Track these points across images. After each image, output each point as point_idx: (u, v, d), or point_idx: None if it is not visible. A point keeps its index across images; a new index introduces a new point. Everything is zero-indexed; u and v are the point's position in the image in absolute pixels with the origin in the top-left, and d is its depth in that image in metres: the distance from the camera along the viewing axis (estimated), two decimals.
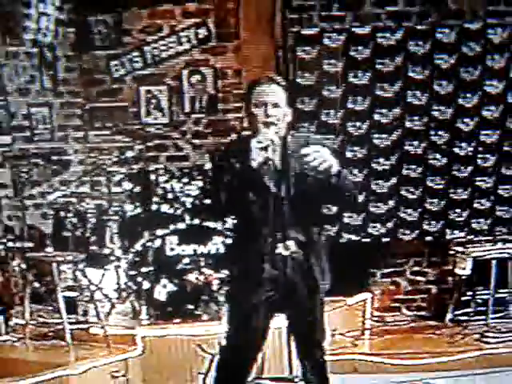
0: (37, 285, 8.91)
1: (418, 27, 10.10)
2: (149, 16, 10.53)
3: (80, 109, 10.59)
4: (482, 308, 9.92)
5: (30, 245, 9.34)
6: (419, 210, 10.24)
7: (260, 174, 6.46)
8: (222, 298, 8.89)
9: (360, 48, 10.06)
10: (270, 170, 6.50)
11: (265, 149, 6.35)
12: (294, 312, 6.82)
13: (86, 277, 8.97)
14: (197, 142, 10.62)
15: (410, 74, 10.09)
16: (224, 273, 8.67)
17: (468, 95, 10.09)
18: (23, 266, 9.16)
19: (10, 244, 9.46)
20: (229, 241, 8.60)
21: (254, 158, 6.33)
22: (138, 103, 10.60)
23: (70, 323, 8.59)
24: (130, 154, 10.09)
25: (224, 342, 6.78)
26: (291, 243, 6.56)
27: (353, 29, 10.11)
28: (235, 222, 7.03)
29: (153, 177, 9.57)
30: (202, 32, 10.51)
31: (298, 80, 10.08)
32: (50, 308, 8.90)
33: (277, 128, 6.48)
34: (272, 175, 6.52)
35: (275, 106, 6.49)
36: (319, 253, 6.72)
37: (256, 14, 10.25)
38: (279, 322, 7.12)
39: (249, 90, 6.63)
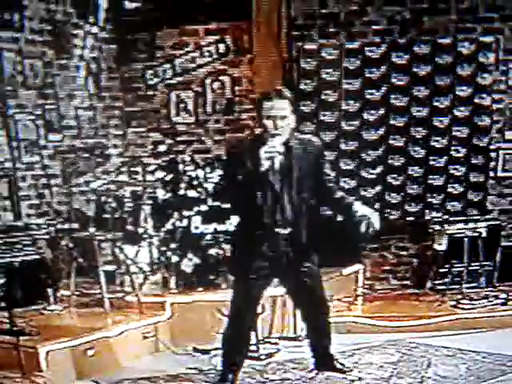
0: (81, 260, 8.20)
1: (399, 41, 9.43)
2: (178, 34, 9.93)
3: (120, 111, 9.94)
4: (457, 279, 9.18)
5: (76, 226, 8.59)
6: (402, 193, 9.56)
7: (266, 173, 6.34)
8: None
9: (352, 59, 9.40)
10: (274, 170, 6.37)
11: (271, 158, 6.29)
12: (291, 283, 6.72)
13: (123, 252, 8.25)
14: (217, 137, 9.92)
15: (393, 80, 9.41)
16: None
17: (442, 98, 9.40)
18: (70, 244, 8.44)
19: (59, 226, 8.77)
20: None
21: (262, 164, 6.25)
22: (168, 106, 9.94)
23: (109, 293, 7.95)
24: (161, 147, 9.58)
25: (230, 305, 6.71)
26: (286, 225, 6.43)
27: (346, 44, 9.45)
28: (242, 208, 6.70)
29: (181, 166, 8.93)
30: (222, 47, 9.88)
31: (301, 86, 9.44)
32: (92, 280, 8.20)
33: (282, 137, 6.35)
34: (276, 173, 6.39)
35: (282, 118, 6.34)
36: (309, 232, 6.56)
37: (266, 32, 9.58)
38: (283, 291, 7.01)
39: (259, 102, 6.44)
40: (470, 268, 9.14)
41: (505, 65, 9.38)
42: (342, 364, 6.93)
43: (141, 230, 8.53)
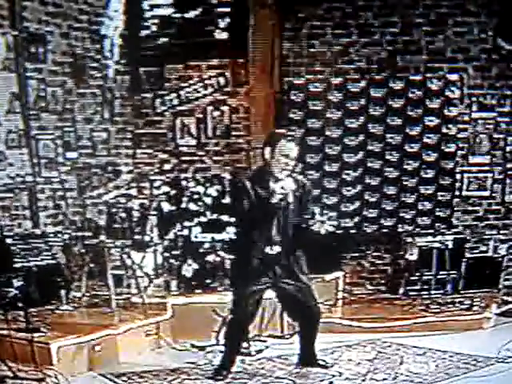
0: (92, 265, 7.81)
1: (376, 78, 9.10)
2: (183, 68, 9.43)
3: (130, 133, 9.44)
4: (427, 285, 8.82)
5: (88, 234, 8.10)
6: (378, 209, 9.16)
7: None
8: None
9: (335, 93, 9.06)
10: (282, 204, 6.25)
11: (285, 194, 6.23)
12: (281, 291, 6.49)
13: (130, 258, 7.85)
14: (216, 158, 9.44)
15: (371, 111, 9.06)
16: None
17: (413, 127, 9.04)
18: (82, 250, 8.03)
19: (73, 234, 8.34)
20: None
21: (275, 198, 6.16)
22: (174, 130, 9.44)
23: (116, 294, 7.57)
24: (167, 166, 9.18)
25: (231, 307, 6.53)
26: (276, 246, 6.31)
27: (330, 79, 9.11)
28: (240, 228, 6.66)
29: (183, 183, 8.59)
30: (222, 80, 9.40)
31: (291, 115, 9.11)
32: (101, 283, 7.78)
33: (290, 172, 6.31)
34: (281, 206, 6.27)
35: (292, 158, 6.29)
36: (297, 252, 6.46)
37: (260, 68, 9.22)
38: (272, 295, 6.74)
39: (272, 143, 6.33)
40: (438, 276, 8.81)
41: (469, 99, 9.05)
42: (324, 360, 6.66)
43: (147, 238, 8.11)
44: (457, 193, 9.18)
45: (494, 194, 9.22)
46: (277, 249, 6.28)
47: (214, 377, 6.42)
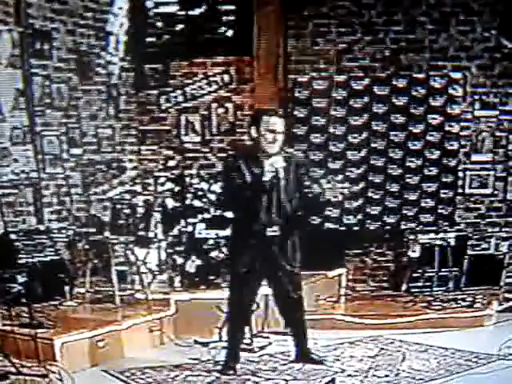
0: (96, 261, 7.73)
1: (380, 75, 9.08)
2: (188, 65, 9.44)
3: (135, 130, 9.46)
4: (429, 282, 8.76)
5: (92, 230, 8.01)
6: (381, 206, 9.13)
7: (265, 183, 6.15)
8: None
9: (339, 90, 9.04)
10: (274, 182, 6.13)
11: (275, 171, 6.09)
12: (275, 279, 6.32)
13: (134, 254, 7.75)
14: (221, 155, 9.34)
15: (374, 109, 9.04)
16: None
17: (416, 124, 9.02)
18: (86, 246, 8.01)
19: (77, 230, 8.32)
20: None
21: (266, 176, 6.06)
22: (178, 127, 9.45)
23: (120, 290, 7.46)
24: (171, 162, 9.16)
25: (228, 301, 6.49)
26: (276, 227, 6.15)
27: (334, 77, 9.10)
28: (237, 212, 6.48)
29: (188, 179, 8.53)
30: (226, 77, 9.39)
31: (295, 112, 9.11)
32: (105, 279, 7.67)
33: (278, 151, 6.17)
34: (274, 184, 6.14)
35: (280, 133, 6.16)
36: (294, 235, 6.28)
37: (265, 66, 9.20)
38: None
39: (260, 117, 6.22)
40: (440, 273, 8.73)
41: (471, 97, 9.00)
42: (317, 355, 6.54)
43: (151, 235, 8.02)
44: (459, 190, 9.13)
45: (496, 192, 9.16)
46: (275, 229, 6.14)
47: (222, 371, 6.30)
